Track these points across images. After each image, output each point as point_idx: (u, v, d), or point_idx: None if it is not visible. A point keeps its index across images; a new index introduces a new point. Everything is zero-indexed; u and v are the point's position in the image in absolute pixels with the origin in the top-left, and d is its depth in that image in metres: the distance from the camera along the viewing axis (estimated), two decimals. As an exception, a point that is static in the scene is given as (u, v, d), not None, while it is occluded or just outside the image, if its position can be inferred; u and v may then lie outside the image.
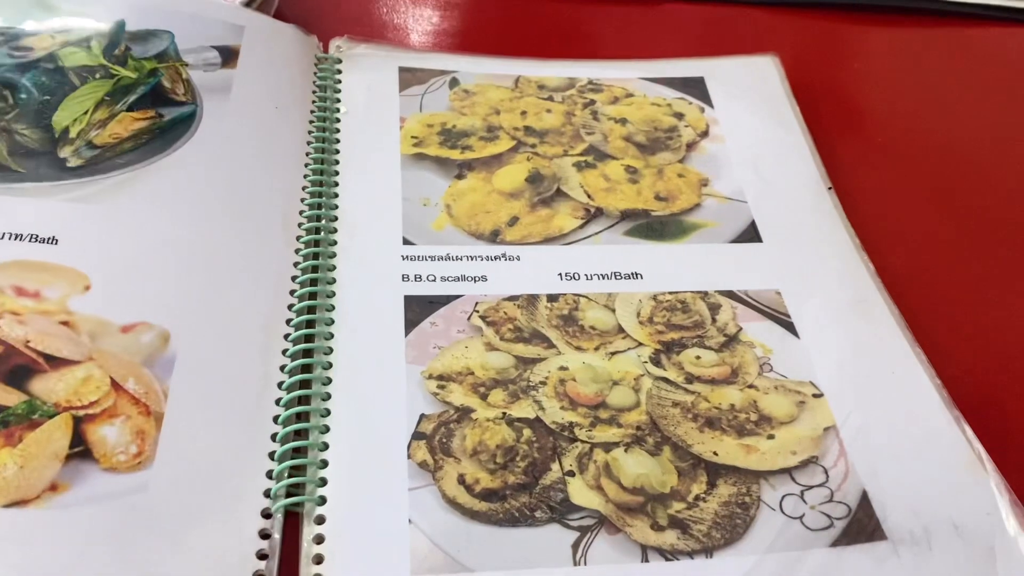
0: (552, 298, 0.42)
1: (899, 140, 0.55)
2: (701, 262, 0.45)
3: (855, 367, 0.40)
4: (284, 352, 0.39)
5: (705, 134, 0.52)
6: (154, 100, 0.46)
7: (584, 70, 0.55)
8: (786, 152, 0.51)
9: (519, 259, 0.44)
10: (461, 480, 0.35)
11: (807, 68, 0.58)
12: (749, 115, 0.53)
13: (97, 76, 0.46)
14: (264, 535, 0.33)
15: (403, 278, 0.42)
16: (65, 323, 0.37)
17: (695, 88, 0.55)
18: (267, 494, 0.34)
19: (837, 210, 0.48)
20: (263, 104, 0.48)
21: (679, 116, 0.53)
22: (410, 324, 0.40)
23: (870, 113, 0.57)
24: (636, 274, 0.44)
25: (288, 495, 0.35)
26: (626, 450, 0.36)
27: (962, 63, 0.61)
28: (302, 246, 0.43)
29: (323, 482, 0.35)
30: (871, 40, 0.62)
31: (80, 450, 0.34)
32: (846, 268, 0.45)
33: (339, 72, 0.52)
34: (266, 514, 0.34)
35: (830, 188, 0.49)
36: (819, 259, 0.45)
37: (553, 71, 0.55)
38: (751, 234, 0.46)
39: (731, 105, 0.54)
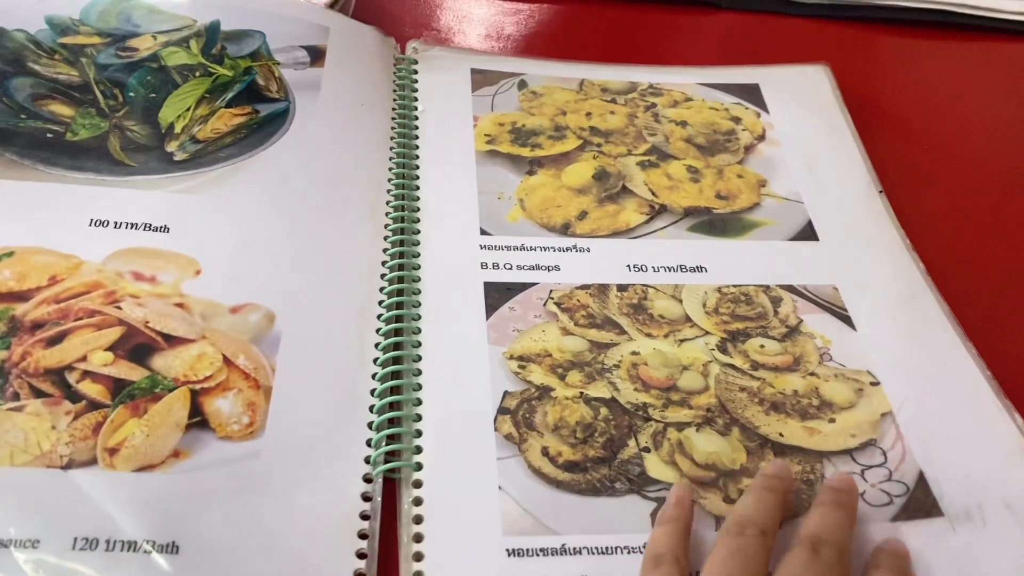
0: (622, 288, 0.45)
1: (945, 146, 0.57)
2: (762, 258, 0.47)
3: (909, 358, 0.43)
4: (377, 331, 0.42)
5: (762, 138, 0.55)
6: (250, 97, 0.50)
7: (645, 75, 0.58)
8: (838, 156, 0.54)
9: (589, 251, 0.47)
10: (545, 452, 0.38)
11: (856, 77, 0.60)
12: (803, 121, 0.56)
13: (197, 74, 0.50)
14: (366, 498, 0.36)
15: (482, 266, 0.45)
16: (179, 305, 0.40)
17: (751, 94, 0.57)
18: (367, 461, 0.37)
19: (888, 212, 0.51)
20: (350, 101, 0.51)
21: (736, 120, 0.55)
22: (490, 308, 0.43)
23: (917, 121, 0.59)
24: (701, 267, 0.46)
25: (386, 461, 0.37)
26: (697, 430, 0.39)
27: (1006, 76, 0.63)
28: (390, 233, 0.46)
29: (418, 450, 0.38)
30: (917, 52, 0.65)
31: (198, 420, 0.37)
32: (898, 266, 0.48)
33: (416, 72, 0.55)
34: (367, 479, 0.37)
35: (881, 191, 0.52)
36: (872, 257, 0.48)
37: (615, 75, 0.58)
38: (808, 232, 0.49)
39: (785, 111, 0.56)
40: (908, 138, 0.57)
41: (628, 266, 0.46)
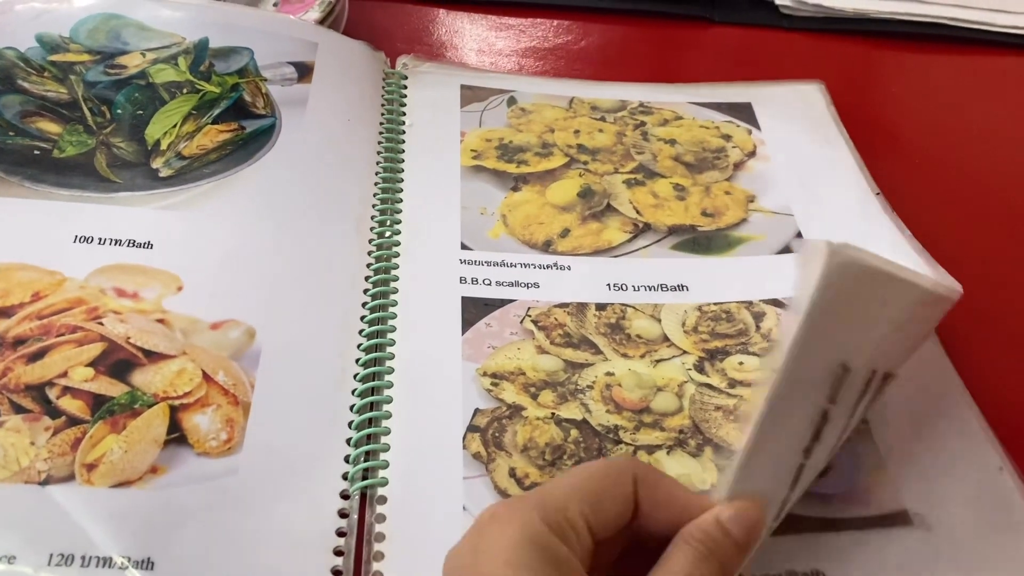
0: (600, 307, 0.45)
1: (943, 162, 0.57)
2: (747, 273, 0.47)
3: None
4: (359, 346, 0.42)
5: (752, 154, 0.55)
6: (236, 113, 0.50)
7: (635, 92, 0.58)
8: (832, 166, 0.53)
9: (570, 268, 0.47)
10: (512, 473, 0.38)
11: (852, 92, 0.60)
12: (796, 136, 0.56)
13: (184, 91, 0.50)
14: (342, 514, 0.37)
15: (461, 280, 0.46)
16: (161, 321, 0.41)
17: (742, 112, 0.57)
18: (345, 477, 0.38)
19: (883, 220, 0.50)
20: (336, 116, 0.52)
21: (727, 137, 0.55)
22: (467, 324, 0.44)
23: (913, 136, 0.59)
24: (682, 286, 0.47)
25: (364, 478, 0.38)
26: (668, 452, 0.39)
27: (1004, 89, 0.63)
28: (374, 248, 0.46)
29: (386, 465, 0.38)
30: (913, 66, 0.64)
31: (176, 436, 0.37)
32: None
33: (405, 88, 0.56)
34: (344, 495, 0.37)
35: (878, 193, 0.51)
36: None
37: (606, 93, 0.58)
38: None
39: (778, 127, 0.56)
40: (904, 154, 0.57)
41: (608, 285, 0.46)
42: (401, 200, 0.49)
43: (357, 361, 0.42)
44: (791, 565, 0.35)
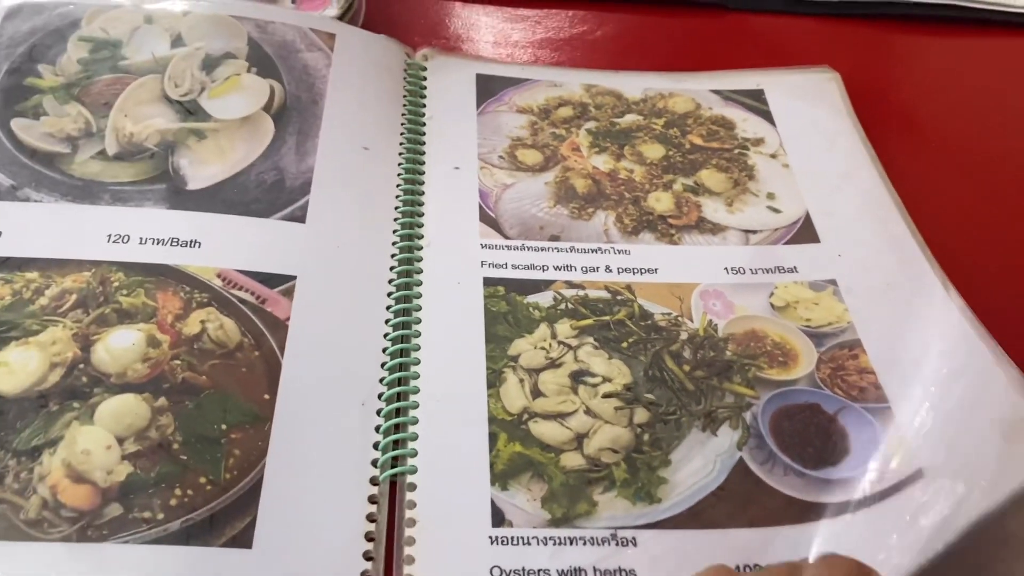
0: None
1: (962, 148, 0.56)
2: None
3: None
4: (385, 335, 0.43)
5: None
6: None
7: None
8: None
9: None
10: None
11: (868, 77, 0.60)
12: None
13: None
14: (372, 501, 0.38)
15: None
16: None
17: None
18: (375, 464, 0.39)
19: (900, 213, 0.50)
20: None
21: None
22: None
23: (929, 121, 0.58)
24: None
25: (394, 466, 0.39)
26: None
27: (1021, 72, 0.62)
28: (398, 239, 0.47)
29: (415, 453, 0.39)
30: (931, 49, 0.64)
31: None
32: (909, 269, 0.47)
33: (424, 80, 0.56)
34: (374, 482, 0.38)
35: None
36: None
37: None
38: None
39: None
40: (920, 139, 0.57)
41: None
42: (423, 191, 0.49)
43: (384, 351, 0.42)
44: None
